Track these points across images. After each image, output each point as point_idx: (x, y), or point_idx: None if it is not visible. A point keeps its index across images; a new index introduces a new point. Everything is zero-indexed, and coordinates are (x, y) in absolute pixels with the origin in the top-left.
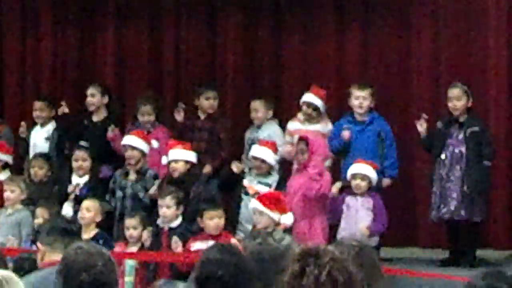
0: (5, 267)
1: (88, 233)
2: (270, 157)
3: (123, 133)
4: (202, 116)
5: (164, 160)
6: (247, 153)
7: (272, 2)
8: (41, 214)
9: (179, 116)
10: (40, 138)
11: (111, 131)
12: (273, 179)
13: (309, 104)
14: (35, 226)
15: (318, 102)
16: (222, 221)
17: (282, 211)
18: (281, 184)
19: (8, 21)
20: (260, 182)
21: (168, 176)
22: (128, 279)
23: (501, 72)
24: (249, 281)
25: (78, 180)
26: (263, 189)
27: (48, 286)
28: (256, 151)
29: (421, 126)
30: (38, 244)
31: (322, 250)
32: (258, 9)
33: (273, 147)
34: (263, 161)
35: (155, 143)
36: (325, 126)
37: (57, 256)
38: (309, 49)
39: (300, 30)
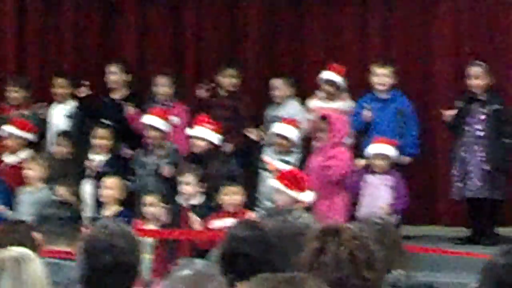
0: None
1: (110, 210)
2: (293, 135)
3: (144, 111)
4: (224, 94)
5: (189, 131)
6: (267, 130)
7: None
8: (62, 193)
9: (202, 93)
10: (59, 115)
11: (128, 108)
12: (294, 157)
13: (329, 82)
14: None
15: (338, 79)
16: (239, 198)
17: (301, 189)
18: (302, 162)
19: None
20: (281, 160)
21: (188, 152)
22: (146, 258)
23: None
24: (274, 258)
25: (97, 158)
26: (283, 167)
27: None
28: (279, 128)
29: (447, 114)
30: (35, 234)
31: (342, 228)
32: None
33: (296, 124)
34: (285, 138)
35: (174, 119)
36: (346, 104)
37: (55, 247)
38: (330, 27)
39: (321, 7)
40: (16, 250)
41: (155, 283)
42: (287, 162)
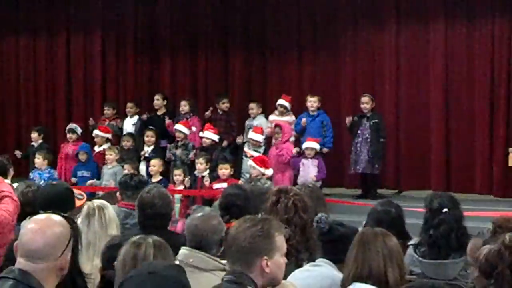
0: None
1: (156, 178)
2: (260, 138)
3: (174, 122)
4: (221, 112)
5: (201, 134)
6: (247, 134)
7: (260, 46)
8: (128, 169)
9: (208, 114)
10: (129, 124)
11: (167, 121)
12: (262, 148)
13: (281, 105)
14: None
15: (286, 104)
16: (228, 171)
17: (266, 167)
18: (266, 151)
19: (125, 52)
20: (254, 150)
21: (200, 145)
22: (176, 206)
23: (391, 87)
24: (250, 206)
25: (147, 148)
26: (256, 154)
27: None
28: (252, 135)
29: (348, 120)
30: (117, 194)
31: (289, 189)
32: (253, 52)
33: (261, 131)
34: (256, 140)
35: (193, 128)
36: (291, 118)
37: (127, 201)
38: (283, 74)
39: (277, 64)
40: (98, 201)
41: (180, 220)
42: (258, 152)
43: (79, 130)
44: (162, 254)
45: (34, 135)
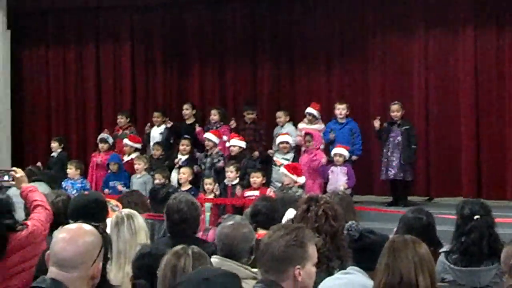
0: (149, 209)
1: (185, 187)
2: (289, 139)
3: (204, 131)
4: (248, 122)
5: (228, 143)
6: (275, 143)
7: (288, 55)
8: (158, 178)
9: (233, 123)
10: (156, 133)
11: (197, 128)
12: (290, 155)
13: (310, 113)
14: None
15: (315, 112)
16: (260, 180)
17: (298, 174)
18: (295, 159)
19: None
20: (283, 158)
21: (229, 154)
22: (206, 214)
23: (421, 95)
24: (278, 215)
25: (182, 157)
26: (284, 162)
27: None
28: (281, 138)
29: (376, 123)
30: (147, 201)
31: (320, 197)
32: (281, 60)
33: (288, 135)
34: (286, 142)
35: (224, 137)
36: (320, 126)
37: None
38: (311, 84)
39: (305, 73)
40: (126, 210)
41: (212, 229)
42: (286, 159)
43: (111, 140)
44: (202, 265)
45: (54, 144)
